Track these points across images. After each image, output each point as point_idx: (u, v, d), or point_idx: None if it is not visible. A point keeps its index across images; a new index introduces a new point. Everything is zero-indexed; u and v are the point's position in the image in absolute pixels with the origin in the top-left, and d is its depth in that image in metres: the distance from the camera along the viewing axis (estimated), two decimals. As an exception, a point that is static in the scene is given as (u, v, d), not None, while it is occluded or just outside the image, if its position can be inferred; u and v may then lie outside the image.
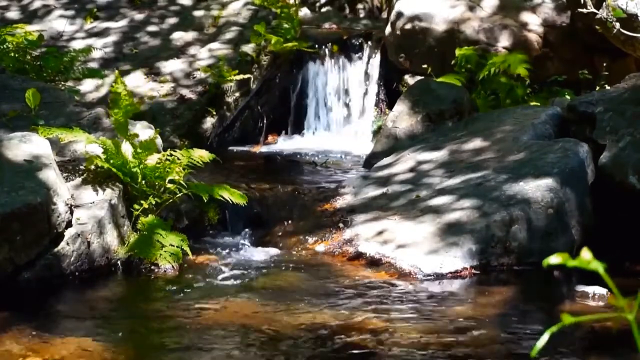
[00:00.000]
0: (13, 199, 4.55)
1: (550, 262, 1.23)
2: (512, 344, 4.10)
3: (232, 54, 8.52)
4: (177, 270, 4.99)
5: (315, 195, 6.27)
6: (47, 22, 9.06)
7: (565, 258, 1.21)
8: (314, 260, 5.31)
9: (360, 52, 9.13)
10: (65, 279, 4.73)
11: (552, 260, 1.23)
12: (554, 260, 1.23)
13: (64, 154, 5.50)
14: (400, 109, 7.35)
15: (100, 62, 8.40)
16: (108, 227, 4.97)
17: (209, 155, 5.51)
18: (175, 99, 7.98)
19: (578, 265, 1.20)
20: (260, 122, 8.72)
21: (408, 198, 5.79)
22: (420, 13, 8.70)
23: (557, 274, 5.19)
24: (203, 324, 4.17)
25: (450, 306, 4.56)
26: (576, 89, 8.08)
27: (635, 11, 6.63)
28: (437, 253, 5.08)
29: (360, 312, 4.35)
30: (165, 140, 6.86)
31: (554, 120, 6.46)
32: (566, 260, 1.21)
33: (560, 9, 8.44)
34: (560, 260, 1.22)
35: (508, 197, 5.38)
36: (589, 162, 5.75)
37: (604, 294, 4.62)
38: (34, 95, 5.82)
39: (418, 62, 8.62)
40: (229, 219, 5.90)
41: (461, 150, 6.36)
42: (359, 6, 12.00)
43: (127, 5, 9.46)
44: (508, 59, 8.08)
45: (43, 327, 4.05)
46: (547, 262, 1.24)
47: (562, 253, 1.24)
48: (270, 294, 4.68)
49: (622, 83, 6.51)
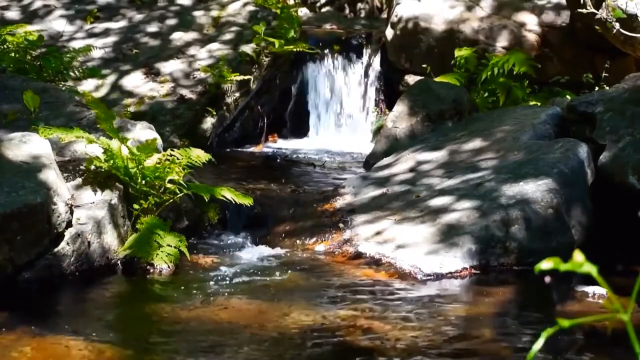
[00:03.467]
0: (13, 199, 4.55)
1: (541, 268, 1.23)
2: (512, 344, 4.10)
3: (232, 54, 8.52)
4: (173, 270, 4.99)
5: (315, 195, 6.27)
6: (47, 22, 9.06)
7: (556, 262, 1.21)
8: (313, 260, 5.31)
9: (360, 53, 9.14)
10: (65, 279, 4.73)
11: (543, 266, 1.22)
12: (545, 266, 1.22)
13: (64, 154, 5.50)
14: (400, 109, 7.36)
15: (100, 62, 8.40)
16: (108, 227, 4.97)
17: (205, 155, 5.51)
18: (175, 99, 7.98)
19: (570, 269, 1.20)
20: (260, 122, 8.72)
21: (408, 198, 5.79)
22: (420, 13, 8.71)
23: (557, 274, 5.18)
24: (202, 324, 4.17)
25: (450, 306, 4.56)
26: (576, 89, 8.08)
27: (635, 11, 6.64)
28: (437, 253, 5.08)
29: (360, 312, 4.35)
30: (165, 140, 6.87)
31: (554, 120, 6.47)
32: (558, 264, 1.20)
33: (560, 9, 8.44)
34: (551, 265, 1.21)
35: (508, 197, 5.38)
36: (589, 162, 5.75)
37: (603, 294, 4.62)
38: (33, 98, 5.82)
39: (418, 62, 8.63)
40: (229, 219, 5.91)
41: (461, 151, 6.36)
42: (359, 6, 12.00)
43: (127, 6, 9.46)
44: (511, 59, 8.08)
45: (43, 327, 4.05)
46: (539, 268, 1.23)
47: (555, 256, 1.23)
48: (270, 294, 4.68)
49: (622, 83, 6.51)
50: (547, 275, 1.32)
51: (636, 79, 6.44)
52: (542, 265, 1.22)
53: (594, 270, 1.19)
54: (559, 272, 1.09)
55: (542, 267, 1.22)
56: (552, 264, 1.20)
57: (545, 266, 1.21)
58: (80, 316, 4.42)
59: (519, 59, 8.05)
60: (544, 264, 1.21)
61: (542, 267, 1.22)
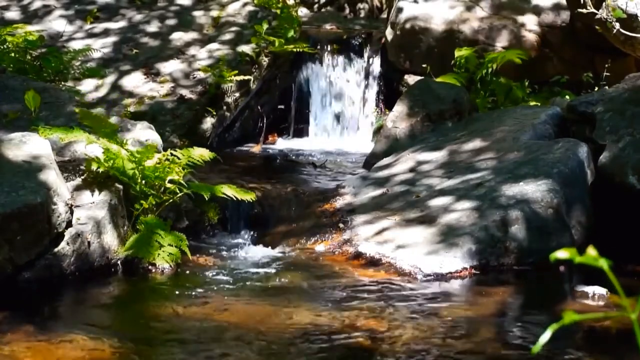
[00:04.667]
0: (13, 199, 4.55)
1: (557, 257, 1.24)
2: (511, 344, 4.10)
3: (232, 54, 8.52)
4: (175, 270, 4.99)
5: (315, 195, 6.27)
6: (47, 22, 9.06)
7: (572, 253, 1.22)
8: (313, 260, 5.31)
9: (360, 53, 9.13)
10: (65, 279, 4.73)
11: (559, 255, 1.23)
12: (562, 255, 1.23)
13: (63, 154, 5.50)
14: (400, 109, 7.35)
15: (100, 62, 8.40)
16: (108, 227, 4.97)
17: (209, 153, 5.51)
18: (175, 99, 7.98)
19: (585, 261, 1.20)
20: (260, 122, 8.72)
21: (408, 198, 5.79)
22: (419, 13, 8.71)
23: (557, 274, 5.18)
24: (203, 324, 4.17)
25: (450, 306, 4.56)
26: (576, 89, 8.08)
27: (635, 11, 6.64)
28: (436, 253, 5.08)
29: (360, 312, 4.35)
30: (165, 140, 6.87)
31: (554, 120, 6.47)
32: (574, 255, 1.22)
33: (560, 9, 8.44)
34: (567, 255, 1.22)
35: (508, 197, 5.38)
36: (589, 162, 5.75)
37: (603, 294, 4.62)
38: (34, 98, 5.82)
39: (418, 62, 8.63)
40: (229, 219, 5.90)
41: (461, 151, 6.36)
42: (359, 6, 12.00)
43: (127, 6, 9.46)
44: (506, 54, 8.09)
45: (43, 327, 4.05)
46: (555, 257, 1.24)
47: (569, 248, 1.25)
48: (270, 294, 4.68)
49: (622, 83, 6.51)
50: (562, 265, 1.34)
51: (636, 79, 6.44)
52: (558, 254, 1.23)
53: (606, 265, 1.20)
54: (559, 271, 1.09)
55: (558, 256, 1.23)
56: (568, 254, 1.21)
57: (561, 255, 1.23)
58: (80, 316, 4.42)
59: (511, 53, 8.05)
60: (560, 253, 1.23)
61: (558, 256, 1.23)
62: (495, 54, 8.11)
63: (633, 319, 1.19)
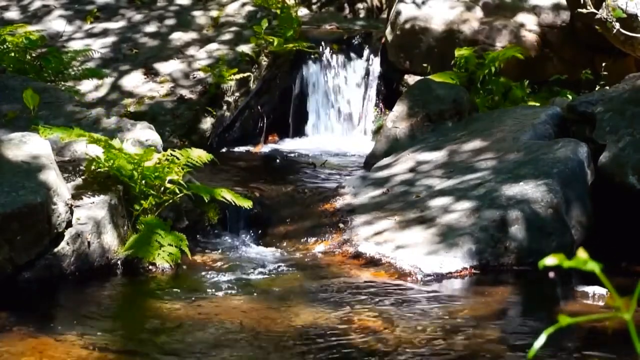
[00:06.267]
0: (13, 199, 4.55)
1: (546, 264, 1.22)
2: (511, 344, 4.10)
3: (231, 54, 8.52)
4: (175, 270, 4.99)
5: (315, 195, 6.27)
6: (47, 22, 9.06)
7: (561, 259, 1.20)
8: (313, 260, 5.31)
9: (360, 52, 9.13)
10: (65, 279, 4.73)
11: (548, 262, 1.22)
12: (550, 262, 1.22)
13: (63, 154, 5.50)
14: (400, 109, 7.35)
15: (100, 63, 8.40)
16: (108, 227, 4.97)
17: (207, 155, 5.50)
18: (175, 99, 7.98)
19: (574, 265, 1.19)
20: (260, 122, 8.71)
21: (408, 198, 5.79)
22: (419, 13, 8.71)
23: (557, 274, 5.19)
24: (201, 324, 4.17)
25: (450, 306, 4.56)
26: (576, 89, 8.08)
27: (635, 11, 6.64)
28: (436, 253, 5.08)
29: (360, 311, 4.35)
30: (165, 140, 6.86)
31: (554, 120, 6.46)
32: (562, 260, 1.20)
33: (560, 9, 8.44)
34: (556, 261, 1.21)
35: (508, 197, 5.38)
36: (589, 162, 5.75)
37: (603, 294, 4.62)
38: (33, 97, 5.82)
39: (418, 62, 8.62)
40: (229, 219, 5.90)
41: (461, 151, 6.36)
42: (358, 6, 12.00)
43: (126, 6, 9.46)
44: (506, 52, 8.09)
45: (43, 327, 4.05)
46: (543, 264, 1.23)
47: (558, 254, 1.23)
48: (270, 294, 4.68)
49: (622, 83, 6.51)
50: (551, 271, 1.31)
51: (636, 79, 6.44)
52: (546, 261, 1.22)
53: (597, 268, 1.19)
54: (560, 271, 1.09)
55: (546, 263, 1.22)
56: (557, 260, 1.20)
57: (549, 262, 1.21)
58: (81, 316, 4.42)
59: (511, 50, 8.05)
60: (548, 259, 1.21)
61: (546, 263, 1.22)
62: (496, 53, 8.11)
63: (628, 320, 1.18)
